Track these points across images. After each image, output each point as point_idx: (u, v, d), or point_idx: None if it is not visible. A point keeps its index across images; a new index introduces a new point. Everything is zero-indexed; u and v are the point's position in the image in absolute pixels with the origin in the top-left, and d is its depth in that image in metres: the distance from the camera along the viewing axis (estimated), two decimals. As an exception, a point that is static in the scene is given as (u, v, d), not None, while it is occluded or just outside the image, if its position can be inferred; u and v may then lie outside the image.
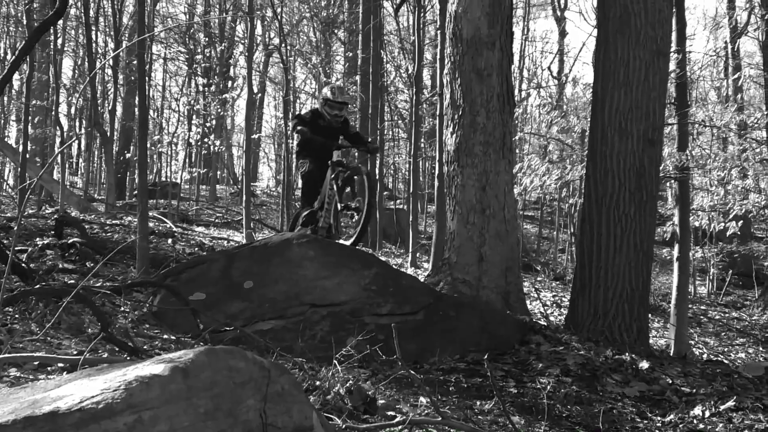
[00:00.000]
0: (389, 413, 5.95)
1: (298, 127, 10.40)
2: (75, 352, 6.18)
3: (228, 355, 3.42)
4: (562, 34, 40.02)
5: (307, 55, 32.43)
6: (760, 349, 15.29)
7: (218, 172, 38.55)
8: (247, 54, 22.25)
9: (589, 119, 11.91)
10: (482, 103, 10.71)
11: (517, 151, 25.30)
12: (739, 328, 17.56)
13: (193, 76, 33.64)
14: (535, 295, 16.44)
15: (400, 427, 5.17)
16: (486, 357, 6.68)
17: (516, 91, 36.43)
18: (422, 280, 11.96)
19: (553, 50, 44.54)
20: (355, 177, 10.90)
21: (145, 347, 6.91)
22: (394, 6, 24.69)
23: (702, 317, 18.81)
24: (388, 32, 33.12)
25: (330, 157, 10.67)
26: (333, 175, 10.52)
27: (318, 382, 6.06)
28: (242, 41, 34.26)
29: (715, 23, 34.73)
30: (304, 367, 6.64)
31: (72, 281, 9.28)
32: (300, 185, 11.01)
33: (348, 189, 11.05)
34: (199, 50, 31.49)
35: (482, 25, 10.81)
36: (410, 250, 19.31)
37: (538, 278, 20.83)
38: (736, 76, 19.40)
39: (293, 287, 8.67)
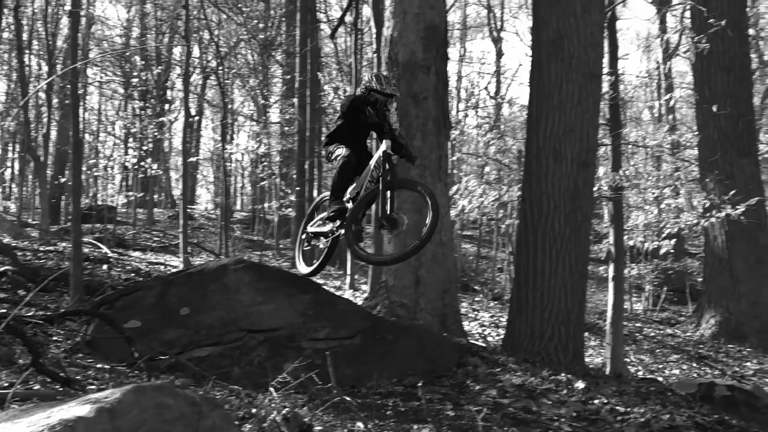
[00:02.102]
0: (326, 440, 5.93)
1: (335, 151, 8.53)
2: (6, 384, 6.09)
3: (157, 392, 3.37)
4: (499, 55, 40.30)
5: (245, 78, 32.34)
6: (694, 365, 15.49)
7: (156, 196, 38.25)
8: (183, 77, 22.11)
9: (525, 140, 12.03)
10: (418, 126, 10.78)
11: (455, 171, 25.42)
12: (673, 344, 17.78)
13: (129, 99, 33.41)
14: (474, 316, 16.53)
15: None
16: (421, 383, 6.68)
17: (453, 112, 36.68)
18: (360, 303, 11.96)
19: (490, 71, 44.84)
20: (405, 191, 9.00)
21: (78, 377, 6.82)
22: (331, 29, 24.73)
23: (637, 334, 19.01)
24: (326, 54, 33.16)
25: (364, 149, 8.82)
26: (379, 171, 8.24)
27: (255, 410, 6.03)
28: (179, 64, 34.10)
29: (647, 45, 35.23)
30: (240, 395, 6.60)
31: (2, 311, 9.14)
32: (333, 173, 8.59)
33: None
34: (135, 73, 31.28)
35: (417, 49, 10.88)
36: (348, 273, 19.27)
37: (476, 298, 20.91)
38: (668, 96, 19.68)
39: (230, 313, 8.63)
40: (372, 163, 8.35)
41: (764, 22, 30.90)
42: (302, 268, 9.35)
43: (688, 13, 23.52)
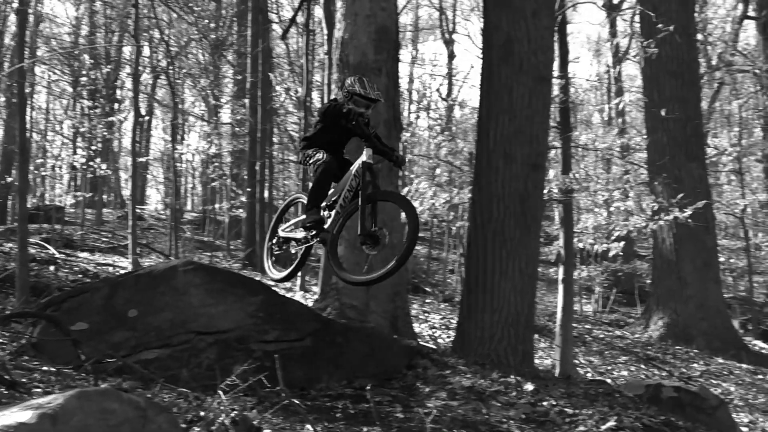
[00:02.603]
0: (274, 443, 5.91)
1: (313, 155, 7.81)
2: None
3: (101, 397, 3.33)
4: (451, 57, 40.41)
5: (196, 78, 32.14)
6: (642, 366, 15.63)
7: (105, 196, 37.87)
8: (133, 76, 21.91)
9: (476, 142, 12.07)
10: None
11: (407, 173, 25.43)
12: (622, 346, 17.92)
13: (78, 98, 33.03)
14: (424, 318, 16.55)
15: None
16: (370, 385, 6.67)
17: (405, 114, 36.71)
18: (311, 305, 11.93)
19: (442, 73, 44.91)
20: (383, 202, 7.90)
21: (23, 380, 6.74)
22: (283, 29, 24.63)
23: (587, 336, 19.14)
24: (278, 55, 33.02)
25: (343, 155, 8.14)
26: (359, 180, 7.60)
27: (203, 413, 5.99)
28: (129, 63, 33.82)
29: (597, 49, 35.54)
30: (189, 398, 6.56)
31: (-53, 313, 9.01)
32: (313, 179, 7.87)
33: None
34: (84, 72, 30.94)
35: (369, 51, 10.88)
36: (299, 274, 19.22)
37: (427, 300, 20.93)
38: (617, 100, 19.82)
39: (179, 315, 8.56)
40: (352, 171, 7.67)
41: (712, 27, 31.24)
42: (272, 274, 8.74)
43: (638, 18, 23.69)
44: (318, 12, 21.03)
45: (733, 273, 30.67)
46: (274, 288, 13.21)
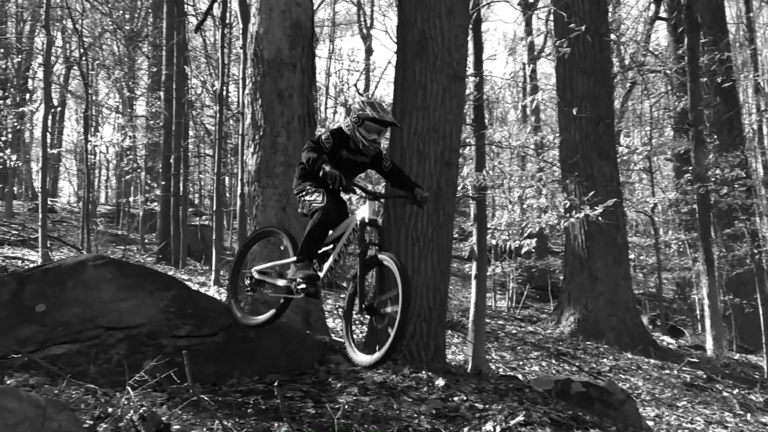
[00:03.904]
0: (184, 439, 5.89)
1: (310, 193, 7.09)
2: None
3: (-1, 396, 3.29)
4: (369, 52, 40.56)
5: (110, 69, 31.76)
6: (553, 362, 15.84)
7: (15, 187, 37.21)
8: (44, 67, 21.56)
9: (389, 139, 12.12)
10: (283, 124, 10.77)
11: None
12: (534, 341, 18.14)
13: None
14: (339, 314, 16.55)
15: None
16: (277, 382, 6.68)
17: (322, 109, 36.71)
18: (224, 300, 11.88)
19: (359, 68, 44.97)
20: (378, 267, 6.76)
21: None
22: (198, 21, 24.44)
23: (500, 332, 19.32)
24: (194, 48, 32.78)
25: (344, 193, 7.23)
26: (357, 236, 6.87)
27: (111, 409, 5.94)
28: (41, 53, 33.26)
29: (512, 47, 35.89)
30: (97, 394, 6.50)
31: None
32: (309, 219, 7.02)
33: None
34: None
35: (283, 46, 10.87)
36: (214, 269, 19.13)
37: (342, 296, 20.94)
38: (531, 98, 20.08)
39: (88, 310, 8.46)
40: (350, 225, 6.94)
41: (625, 27, 31.76)
42: (239, 317, 7.74)
43: (552, 17, 23.99)
44: (235, 5, 20.91)
45: (643, 270, 31.26)
46: (186, 283, 13.15)
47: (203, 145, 33.60)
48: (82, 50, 26.53)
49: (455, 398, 8.80)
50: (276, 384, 6.56)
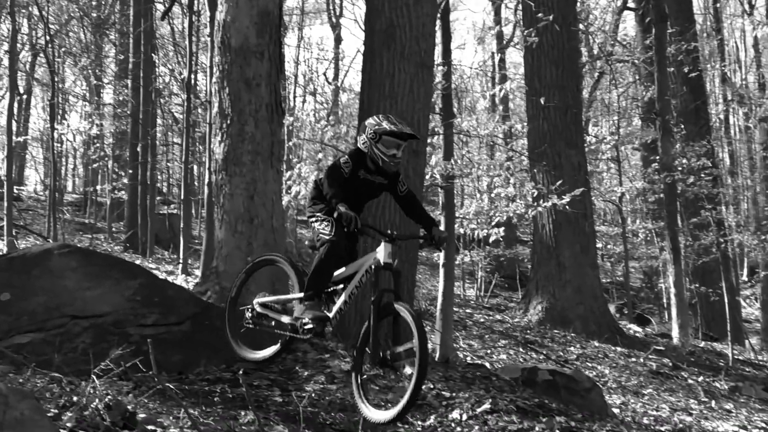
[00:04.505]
0: (149, 427, 5.87)
1: (320, 222, 6.80)
2: None
3: (-41, 384, 3.28)
4: (338, 40, 40.46)
5: (77, 57, 31.53)
6: (520, 350, 15.92)
7: (-20, 176, 37.01)
8: (10, 54, 21.40)
9: (357, 128, 12.14)
10: (251, 112, 10.73)
11: (292, 157, 25.39)
12: (501, 330, 18.22)
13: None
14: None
15: (157, 442, 5.10)
16: (242, 370, 6.68)
17: (291, 97, 36.63)
18: (191, 288, 11.86)
19: (328, 57, 44.92)
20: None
21: None
22: (165, 8, 24.31)
23: (468, 320, 19.39)
24: (162, 35, 32.62)
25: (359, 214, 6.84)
26: (370, 279, 6.58)
27: (76, 398, 5.91)
28: (6, 40, 32.96)
29: (481, 36, 35.92)
30: (62, 383, 6.47)
31: None
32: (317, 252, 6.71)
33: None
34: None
35: (251, 34, 10.82)
36: (181, 258, 19.08)
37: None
38: (499, 87, 20.12)
39: (54, 299, 8.41)
40: (363, 266, 6.61)
41: (593, 17, 31.90)
42: (237, 350, 7.42)
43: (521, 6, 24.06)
44: (202, -8, 20.83)
45: (611, 258, 31.57)
46: (153, 271, 13.10)
47: (171, 134, 33.52)
48: (48, 37, 26.30)
49: (422, 386, 8.83)
50: (241, 372, 6.54)
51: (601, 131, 24.28)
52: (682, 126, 24.61)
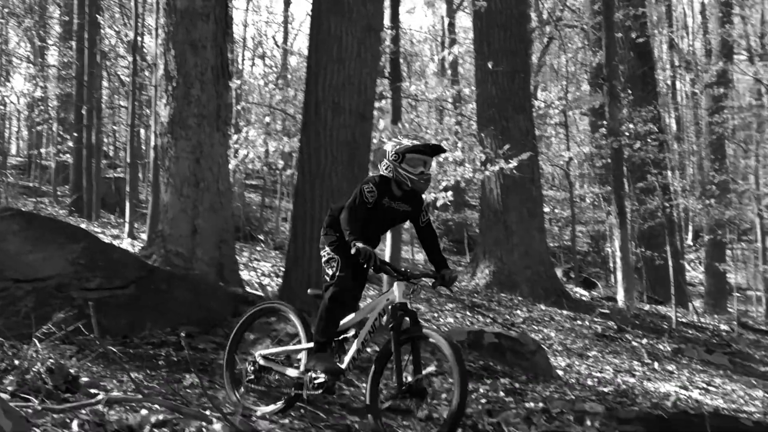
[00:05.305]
0: (93, 391, 5.84)
1: (330, 259, 6.49)
2: None
3: None
4: (287, 3, 40.07)
5: (20, 18, 31.00)
6: (468, 314, 15.98)
7: None
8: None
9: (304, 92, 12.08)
10: (196, 75, 10.67)
11: (240, 121, 25.22)
12: (449, 294, 18.27)
13: None
14: (254, 266, 16.54)
15: (100, 405, 5.07)
16: (184, 333, 6.64)
17: (240, 60, 36.36)
18: (137, 252, 11.80)
19: (278, 20, 44.59)
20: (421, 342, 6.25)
21: None
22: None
23: (415, 284, 19.41)
24: (108, -4, 32.20)
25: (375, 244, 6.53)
26: (385, 320, 6.24)
27: (18, 362, 5.87)
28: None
29: (430, 0, 35.75)
30: (4, 346, 6.41)
31: None
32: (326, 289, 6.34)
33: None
34: None
35: (196, -5, 10.73)
36: (128, 221, 18.93)
37: (258, 248, 20.94)
38: (447, 51, 20.10)
39: (-5, 263, 8.34)
40: (376, 309, 6.29)
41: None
42: (240, 404, 6.57)
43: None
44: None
45: (558, 223, 31.76)
46: (98, 235, 13.00)
47: (117, 97, 33.05)
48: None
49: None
50: (183, 335, 6.50)
51: (550, 96, 24.33)
52: (630, 91, 24.77)
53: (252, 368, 6.69)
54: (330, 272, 6.34)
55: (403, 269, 6.35)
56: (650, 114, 22.40)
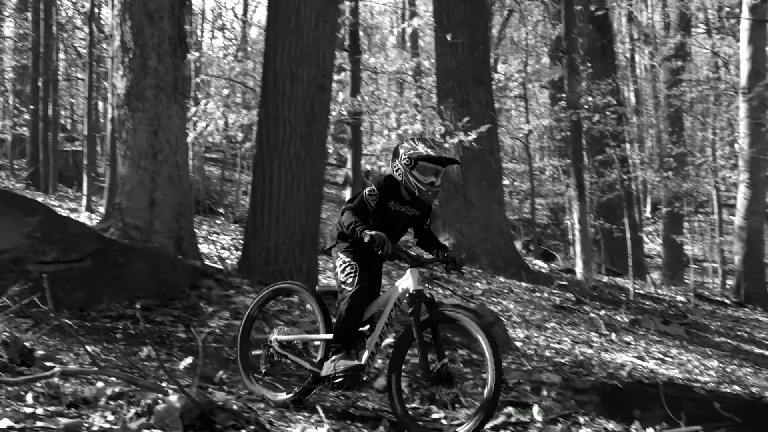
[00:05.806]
0: (48, 364, 5.81)
1: (343, 264, 6.15)
2: None
3: None
4: (246, -25, 39.88)
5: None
6: (427, 286, 15.98)
7: None
8: None
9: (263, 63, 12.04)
10: (153, 46, 10.59)
11: (200, 93, 25.07)
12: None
13: None
14: (213, 239, 16.47)
15: (55, 378, 5.04)
16: (140, 306, 6.62)
17: (199, 32, 36.07)
18: (94, 225, 11.73)
19: (237, -9, 44.26)
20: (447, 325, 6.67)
21: None
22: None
23: (375, 257, 19.46)
24: (64, -34, 31.81)
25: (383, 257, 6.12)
26: (407, 308, 6.05)
27: (-29, 335, 5.83)
28: None
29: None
30: (-42, 321, 6.37)
31: None
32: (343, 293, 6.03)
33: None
34: None
35: (153, -34, 10.64)
36: (85, 194, 18.79)
37: (218, 221, 20.85)
38: (407, 23, 20.09)
39: (-52, 237, 8.27)
40: (391, 299, 6.13)
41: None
42: (255, 389, 6.48)
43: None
44: None
45: (518, 195, 31.87)
46: (56, 209, 12.90)
47: (75, 69, 32.73)
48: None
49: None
50: (138, 307, 6.45)
51: (510, 69, 24.36)
52: (589, 64, 24.84)
53: (266, 353, 6.51)
54: (348, 280, 6.01)
55: (415, 254, 6.14)
56: (609, 87, 22.46)
